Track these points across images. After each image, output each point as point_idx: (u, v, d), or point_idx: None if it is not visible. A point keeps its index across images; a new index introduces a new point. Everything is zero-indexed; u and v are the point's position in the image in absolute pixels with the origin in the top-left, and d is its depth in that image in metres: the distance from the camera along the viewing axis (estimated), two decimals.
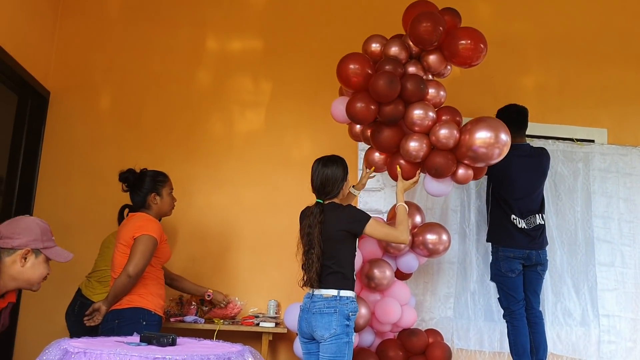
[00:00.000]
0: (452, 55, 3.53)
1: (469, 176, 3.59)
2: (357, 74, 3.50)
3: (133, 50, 4.84)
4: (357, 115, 3.53)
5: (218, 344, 2.54)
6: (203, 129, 4.78)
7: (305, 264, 3.15)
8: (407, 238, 3.24)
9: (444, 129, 3.44)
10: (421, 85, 3.48)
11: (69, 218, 4.55)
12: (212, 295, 4.03)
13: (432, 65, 3.61)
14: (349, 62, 3.53)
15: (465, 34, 3.49)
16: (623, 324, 4.60)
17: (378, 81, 3.38)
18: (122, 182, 3.38)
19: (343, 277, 3.10)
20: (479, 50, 3.48)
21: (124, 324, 3.08)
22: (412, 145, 3.48)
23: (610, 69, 5.06)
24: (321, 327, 3.03)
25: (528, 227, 3.92)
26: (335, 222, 3.13)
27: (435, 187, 3.67)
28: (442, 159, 3.47)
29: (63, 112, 4.69)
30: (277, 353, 4.50)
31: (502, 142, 3.42)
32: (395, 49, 3.61)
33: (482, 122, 3.45)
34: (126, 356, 2.03)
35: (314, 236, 3.11)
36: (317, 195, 3.26)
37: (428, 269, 4.52)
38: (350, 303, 3.08)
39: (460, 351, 4.52)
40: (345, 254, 3.14)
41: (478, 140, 3.40)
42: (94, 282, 4.02)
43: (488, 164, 3.54)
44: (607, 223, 4.74)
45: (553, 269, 4.53)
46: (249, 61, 4.91)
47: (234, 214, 4.67)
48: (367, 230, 3.14)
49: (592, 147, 4.85)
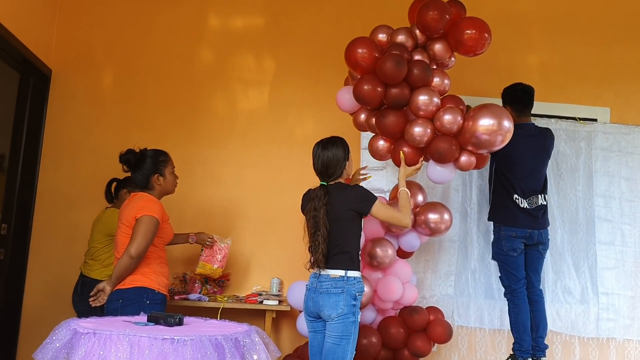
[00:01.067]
0: (457, 44, 3.62)
1: (472, 163, 3.66)
2: (365, 58, 3.57)
3: (135, 28, 4.81)
4: (364, 97, 3.58)
5: (224, 323, 2.58)
6: (206, 107, 4.78)
7: (312, 246, 3.17)
8: (409, 222, 3.29)
9: (448, 115, 3.50)
10: (427, 70, 3.55)
11: (72, 195, 4.58)
12: (195, 237, 4.05)
13: (438, 54, 3.70)
14: (357, 46, 3.60)
15: (470, 23, 3.59)
16: (622, 302, 4.65)
17: (385, 62, 3.45)
18: (123, 164, 3.36)
19: (350, 258, 3.14)
20: (484, 39, 3.57)
21: (127, 304, 3.10)
22: (417, 130, 3.54)
23: (614, 47, 5.03)
24: (329, 306, 3.07)
25: (530, 207, 3.94)
26: (343, 202, 3.15)
27: (438, 173, 3.72)
28: (445, 144, 3.53)
29: (65, 90, 4.68)
30: (280, 330, 4.56)
31: (505, 129, 3.48)
32: (402, 37, 3.70)
33: (485, 109, 3.51)
34: (135, 337, 2.07)
35: (320, 218, 3.13)
36: (320, 178, 3.27)
37: (429, 247, 4.55)
38: (357, 283, 3.12)
39: (461, 328, 4.57)
40: (352, 234, 3.18)
41: (481, 127, 3.46)
42: (89, 260, 4.08)
43: (491, 150, 3.60)
44: (609, 202, 4.76)
45: (554, 248, 4.57)
46: (251, 39, 4.89)
47: (237, 193, 4.69)
48: (373, 210, 3.18)
49: (594, 126, 4.85)
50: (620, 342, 4.65)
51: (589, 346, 4.65)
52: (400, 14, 4.87)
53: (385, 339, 3.86)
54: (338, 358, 3.05)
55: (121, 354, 2.02)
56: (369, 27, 4.82)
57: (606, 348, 4.66)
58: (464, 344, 4.58)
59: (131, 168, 3.35)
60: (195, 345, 2.06)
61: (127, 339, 2.05)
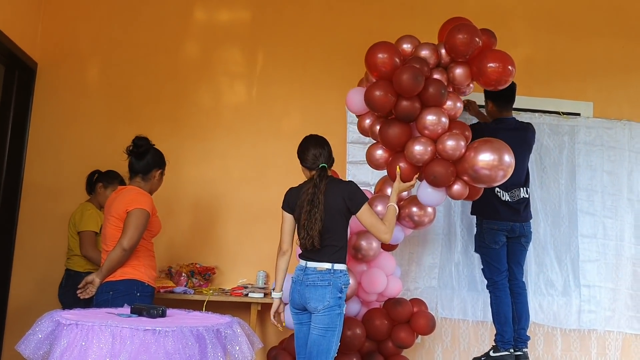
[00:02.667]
0: (479, 73, 3.59)
1: (464, 193, 3.62)
2: (385, 64, 3.52)
3: (121, 21, 4.80)
4: (374, 102, 3.54)
5: (207, 315, 2.61)
6: (191, 100, 4.78)
7: (307, 222, 3.12)
8: (389, 238, 3.24)
9: (452, 140, 3.47)
10: (442, 90, 3.52)
11: (58, 188, 4.58)
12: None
13: (457, 78, 3.68)
14: (378, 50, 3.56)
15: (496, 56, 3.56)
16: (603, 294, 4.71)
17: (404, 74, 3.41)
18: (134, 145, 3.34)
19: (337, 251, 3.16)
20: (507, 75, 3.55)
21: (118, 296, 3.12)
22: (418, 148, 3.51)
23: (597, 42, 5.08)
24: (315, 299, 3.10)
25: (512, 200, 3.99)
26: (339, 194, 3.17)
27: (428, 195, 3.68)
28: (442, 169, 3.50)
29: (51, 83, 4.67)
30: (265, 323, 4.59)
31: (506, 164, 3.45)
32: (426, 52, 3.66)
33: (488, 144, 3.48)
34: (117, 328, 2.10)
35: (317, 196, 3.11)
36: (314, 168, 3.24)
37: (413, 239, 4.59)
38: (344, 276, 3.16)
39: (444, 320, 4.62)
40: (342, 228, 3.21)
41: (481, 162, 3.43)
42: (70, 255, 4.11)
43: (491, 185, 3.58)
44: (591, 196, 4.81)
45: (536, 241, 4.62)
46: (237, 32, 4.89)
47: (223, 186, 4.71)
48: (360, 212, 3.18)
49: (577, 120, 4.90)
50: (601, 333, 4.72)
51: (571, 337, 4.72)
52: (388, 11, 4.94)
53: (369, 330, 3.90)
54: (323, 350, 3.08)
55: (103, 345, 2.05)
56: (355, 21, 4.90)
57: (587, 339, 4.72)
58: (447, 336, 4.63)
59: (137, 154, 3.35)
60: (176, 336, 2.10)
61: (109, 330, 2.08)
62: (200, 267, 4.47)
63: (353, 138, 4.64)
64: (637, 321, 4.76)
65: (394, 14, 4.97)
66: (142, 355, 2.03)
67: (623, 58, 5.09)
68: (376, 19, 4.90)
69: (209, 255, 4.58)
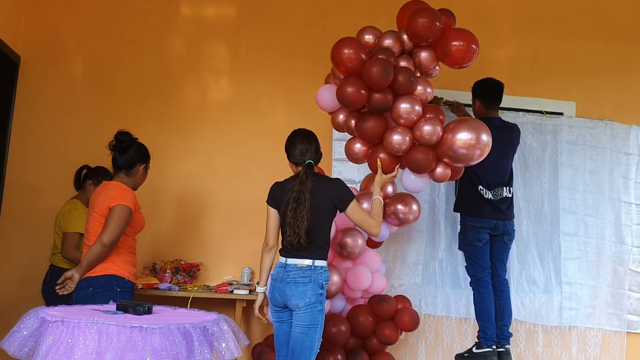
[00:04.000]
0: (444, 54, 3.61)
1: (447, 175, 3.69)
2: (351, 59, 3.50)
3: (105, 15, 4.76)
4: (347, 99, 3.54)
5: (193, 312, 2.61)
6: (177, 96, 4.76)
7: (293, 221, 3.09)
8: (379, 231, 3.23)
9: (429, 125, 3.52)
10: (412, 78, 3.53)
11: (41, 184, 4.54)
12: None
13: (423, 62, 3.68)
14: (343, 46, 3.54)
15: (458, 35, 3.58)
16: (584, 291, 4.78)
17: (372, 67, 3.40)
18: (116, 140, 3.32)
19: (321, 247, 3.16)
20: (471, 52, 3.57)
21: (98, 291, 3.11)
22: (396, 138, 3.55)
23: (580, 43, 5.14)
24: (296, 296, 3.09)
25: (495, 198, 4.03)
26: (326, 191, 3.15)
27: (412, 182, 3.75)
28: (423, 155, 3.55)
29: (34, 77, 4.62)
30: (250, 320, 4.59)
31: (483, 142, 3.52)
32: (389, 41, 3.66)
33: (464, 123, 3.55)
34: (104, 325, 2.09)
35: (304, 193, 3.10)
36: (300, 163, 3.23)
37: (398, 237, 4.62)
38: (324, 272, 3.15)
39: (428, 317, 4.66)
40: (327, 225, 3.20)
41: (459, 141, 3.50)
42: (55, 251, 4.07)
43: (468, 164, 3.63)
44: (573, 194, 4.87)
45: (519, 239, 4.67)
46: (223, 28, 4.87)
47: (208, 182, 4.70)
48: (348, 209, 3.17)
49: (560, 119, 4.96)
50: (582, 330, 4.79)
51: (552, 334, 4.78)
52: (374, 7, 4.94)
53: (354, 327, 3.92)
54: (306, 347, 3.07)
55: (89, 342, 2.04)
56: (341, 18, 4.90)
57: (568, 336, 4.79)
58: (431, 332, 4.67)
59: (120, 149, 3.33)
60: (163, 333, 2.09)
61: (95, 327, 2.07)
62: (185, 263, 4.46)
63: (339, 135, 4.65)
64: (617, 318, 4.84)
65: (380, 10, 4.97)
66: (128, 353, 2.03)
67: (606, 59, 5.16)
68: (362, 15, 4.90)
69: (193, 252, 4.57)
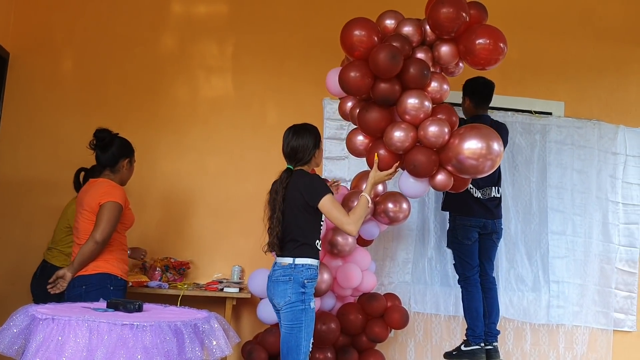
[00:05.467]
0: (466, 51, 3.26)
1: (448, 184, 3.38)
2: (363, 42, 3.21)
3: (96, 11, 4.74)
4: (349, 84, 3.26)
5: (184, 310, 2.61)
6: (167, 93, 4.75)
7: (269, 228, 3.16)
8: (354, 230, 3.06)
9: (435, 126, 3.20)
10: (424, 71, 3.23)
11: (30, 181, 4.51)
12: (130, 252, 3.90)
13: (443, 57, 3.36)
14: (354, 27, 3.25)
15: (486, 32, 3.22)
16: (571, 290, 4.83)
17: (380, 52, 3.11)
18: (96, 139, 3.30)
19: (300, 245, 3.09)
20: (498, 53, 3.21)
21: (91, 290, 3.10)
22: (397, 134, 3.25)
23: (569, 44, 5.18)
24: (277, 295, 3.08)
25: (483, 197, 4.06)
26: (296, 190, 3.12)
27: (410, 186, 3.47)
28: (423, 157, 3.23)
29: (24, 73, 4.59)
30: (240, 318, 4.59)
31: (495, 153, 3.17)
32: (409, 28, 3.35)
33: (475, 130, 3.21)
34: (94, 322, 2.08)
35: (277, 201, 3.13)
36: (287, 162, 3.24)
37: (388, 235, 4.64)
38: (306, 270, 3.06)
39: (417, 314, 4.69)
40: (305, 222, 3.12)
41: (467, 151, 3.16)
42: (52, 247, 4.02)
43: (475, 176, 3.33)
44: (561, 193, 4.92)
45: (507, 237, 4.71)
46: (214, 25, 4.87)
47: (198, 180, 4.69)
48: (320, 205, 3.06)
49: (549, 119, 5.00)
50: (569, 328, 4.84)
51: (540, 332, 4.83)
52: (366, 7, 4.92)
53: (343, 325, 3.93)
54: (292, 347, 3.01)
55: (80, 340, 2.03)
56: (333, 15, 4.87)
57: (556, 334, 4.84)
58: (420, 330, 4.70)
59: (102, 147, 3.32)
60: (154, 331, 2.09)
61: (86, 325, 2.06)
62: (174, 261, 4.45)
63: (330, 134, 4.68)
64: (604, 316, 4.89)
65: (372, 7, 4.97)
66: (119, 350, 2.03)
67: (594, 59, 5.20)
68: (354, 12, 4.87)
69: (183, 250, 4.57)
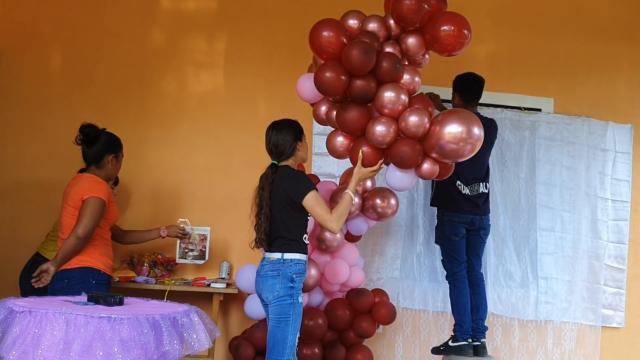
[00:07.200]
0: (433, 40, 3.36)
1: (434, 172, 3.43)
2: (332, 43, 3.27)
3: (84, 6, 4.72)
4: (326, 86, 3.30)
5: (165, 303, 2.61)
6: (156, 89, 4.74)
7: (256, 224, 3.20)
8: (336, 228, 3.11)
9: (415, 116, 3.26)
10: (397, 64, 3.31)
11: (18, 178, 4.50)
12: (167, 231, 4.04)
13: (411, 49, 3.45)
14: (322, 28, 3.31)
15: (449, 19, 3.32)
16: (560, 286, 4.84)
17: (352, 50, 3.16)
18: (81, 134, 3.31)
19: (288, 241, 3.14)
20: (462, 38, 3.32)
21: (73, 283, 3.11)
22: (379, 129, 3.30)
23: (558, 40, 5.17)
24: (266, 289, 3.12)
25: (471, 193, 4.06)
26: (281, 187, 3.15)
27: (397, 179, 3.52)
28: (408, 148, 3.29)
29: (11, 69, 4.57)
30: (228, 313, 4.59)
31: (475, 137, 3.23)
32: (374, 25, 3.43)
33: (454, 115, 3.29)
34: (72, 315, 2.09)
35: (264, 197, 3.16)
36: (271, 158, 3.28)
37: (377, 231, 4.63)
38: (295, 265, 3.11)
39: (405, 310, 4.69)
40: (292, 219, 3.16)
41: (448, 135, 3.22)
42: (49, 240, 4.02)
43: (457, 160, 3.39)
44: (550, 190, 4.92)
45: (496, 233, 4.71)
46: (203, 21, 4.85)
47: (187, 176, 4.68)
48: (304, 202, 3.10)
49: (538, 115, 5.00)
50: (557, 324, 4.85)
51: (528, 328, 4.84)
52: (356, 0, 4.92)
53: (331, 320, 3.94)
54: (278, 340, 3.06)
55: (57, 332, 2.04)
56: (323, 10, 4.84)
57: (544, 330, 4.85)
58: (408, 326, 4.70)
59: (87, 142, 3.32)
60: (131, 324, 2.10)
61: (63, 317, 2.07)
62: (162, 257, 4.45)
63: (319, 129, 4.67)
64: (592, 312, 4.90)
65: (363, 4, 4.97)
66: (96, 343, 2.03)
67: (583, 56, 5.20)
68: (344, 8, 4.85)
69: (171, 246, 4.55)
